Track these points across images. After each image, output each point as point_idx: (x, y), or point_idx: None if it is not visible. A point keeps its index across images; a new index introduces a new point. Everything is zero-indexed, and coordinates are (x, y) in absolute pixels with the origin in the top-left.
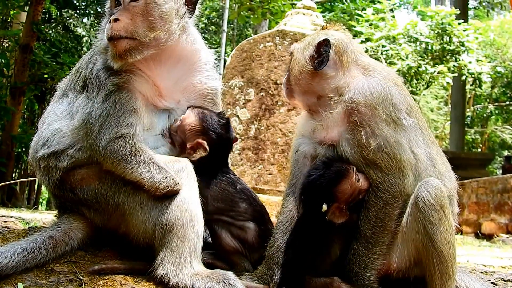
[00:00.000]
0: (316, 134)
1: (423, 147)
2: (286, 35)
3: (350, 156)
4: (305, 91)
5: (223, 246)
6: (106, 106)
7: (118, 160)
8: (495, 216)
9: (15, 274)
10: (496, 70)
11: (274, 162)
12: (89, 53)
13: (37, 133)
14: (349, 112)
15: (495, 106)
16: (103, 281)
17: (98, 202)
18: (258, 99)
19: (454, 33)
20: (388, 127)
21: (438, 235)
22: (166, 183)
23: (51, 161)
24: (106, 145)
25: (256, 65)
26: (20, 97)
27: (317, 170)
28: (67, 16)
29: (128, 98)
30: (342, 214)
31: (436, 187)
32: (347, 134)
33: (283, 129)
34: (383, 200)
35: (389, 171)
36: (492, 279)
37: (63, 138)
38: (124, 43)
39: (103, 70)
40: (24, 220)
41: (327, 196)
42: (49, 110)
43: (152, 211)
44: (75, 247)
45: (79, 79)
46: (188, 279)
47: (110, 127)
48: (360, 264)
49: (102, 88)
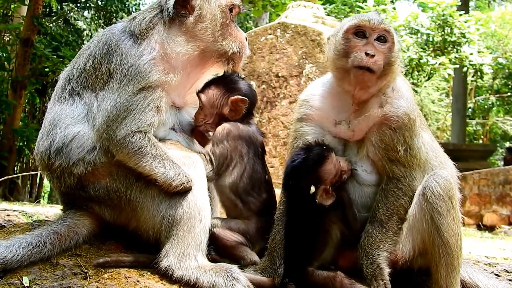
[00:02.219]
0: (339, 129)
1: (429, 141)
2: (288, 28)
3: (372, 153)
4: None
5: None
6: (135, 100)
7: (133, 151)
8: (497, 208)
9: (20, 267)
10: (497, 61)
11: (276, 155)
12: (100, 46)
13: (47, 135)
14: (386, 120)
15: (497, 98)
16: (108, 274)
17: (110, 198)
18: (260, 92)
19: (455, 25)
20: (415, 137)
21: (446, 226)
22: (179, 180)
23: (66, 169)
24: (124, 136)
25: (258, 58)
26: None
27: (299, 155)
28: (67, 10)
29: (158, 97)
30: (329, 196)
31: (445, 178)
32: (376, 137)
33: (285, 121)
34: (403, 192)
35: (411, 167)
36: (495, 271)
37: (84, 143)
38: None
39: (147, 63)
40: (26, 214)
41: (313, 178)
42: (58, 112)
43: (161, 205)
44: (80, 242)
45: (100, 74)
46: (192, 272)
47: (134, 120)
48: (372, 245)
49: (137, 81)
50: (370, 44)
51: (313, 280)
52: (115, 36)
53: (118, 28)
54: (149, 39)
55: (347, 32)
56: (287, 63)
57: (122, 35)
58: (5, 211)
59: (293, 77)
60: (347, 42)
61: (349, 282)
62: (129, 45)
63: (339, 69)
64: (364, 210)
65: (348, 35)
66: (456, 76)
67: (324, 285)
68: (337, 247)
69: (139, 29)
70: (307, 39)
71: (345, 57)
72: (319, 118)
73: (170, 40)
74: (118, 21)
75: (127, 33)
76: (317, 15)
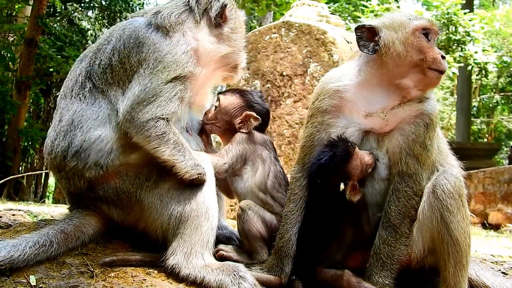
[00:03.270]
0: (369, 120)
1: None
2: (292, 27)
3: (397, 145)
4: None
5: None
6: (165, 87)
7: (156, 136)
8: (502, 206)
9: (27, 267)
10: (502, 59)
11: (281, 154)
12: (125, 39)
13: (65, 135)
14: (422, 115)
15: (501, 96)
16: (114, 273)
17: (119, 199)
18: (264, 91)
19: (459, 23)
20: (434, 137)
21: (455, 224)
22: (196, 170)
23: (78, 172)
24: (148, 119)
25: (262, 56)
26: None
27: (326, 152)
28: (72, 10)
29: (185, 88)
30: (357, 191)
31: (455, 176)
32: (410, 128)
33: (289, 120)
34: (414, 191)
35: (423, 165)
36: (502, 269)
37: (103, 147)
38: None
39: (184, 54)
40: (32, 213)
41: (342, 174)
42: (78, 111)
43: (169, 203)
44: (86, 241)
45: (129, 67)
46: (199, 270)
47: (160, 107)
48: (388, 254)
49: (172, 70)
50: (435, 47)
51: (320, 278)
52: (141, 29)
53: (140, 22)
54: (181, 32)
55: (417, 30)
56: (291, 62)
57: (148, 28)
58: (10, 211)
59: (298, 76)
60: (418, 40)
61: (357, 281)
62: (160, 36)
63: (406, 64)
64: (376, 209)
65: (417, 33)
66: (461, 74)
67: (331, 283)
68: (348, 248)
69: (169, 23)
70: (312, 38)
71: (419, 54)
72: (348, 110)
73: (203, 38)
74: (131, 17)
75: (153, 26)
76: (321, 13)
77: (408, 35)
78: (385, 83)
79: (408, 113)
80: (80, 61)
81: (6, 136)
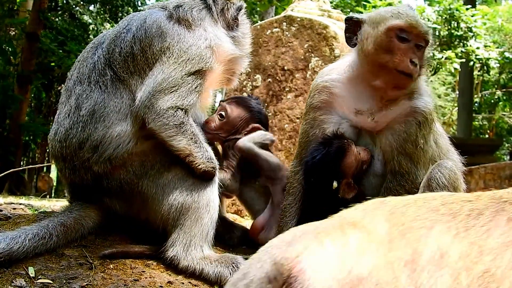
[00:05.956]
0: (360, 118)
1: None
2: (293, 21)
3: (388, 144)
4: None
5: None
6: (188, 79)
7: (173, 125)
8: None
9: (26, 258)
10: (504, 55)
11: (282, 148)
12: (147, 28)
13: (84, 126)
14: (414, 113)
15: (503, 92)
16: (113, 265)
17: (122, 190)
18: (265, 85)
19: (462, 19)
20: (430, 134)
21: None
22: (211, 163)
23: (87, 165)
24: (168, 108)
25: (263, 51)
26: (27, 85)
27: (319, 150)
28: (73, 4)
29: (204, 82)
30: (351, 189)
31: (450, 169)
32: (401, 127)
33: (291, 115)
34: (406, 190)
35: (418, 164)
36: None
37: (120, 144)
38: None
39: (207, 48)
40: (33, 207)
41: (336, 172)
42: (100, 102)
43: (171, 194)
44: (86, 233)
45: (151, 55)
46: (197, 262)
47: (180, 97)
48: None
49: (196, 62)
50: (412, 50)
51: None
52: (163, 20)
53: (160, 14)
54: (202, 28)
55: (391, 30)
56: (293, 56)
57: (170, 20)
58: (11, 205)
59: (299, 70)
60: (389, 41)
61: None
62: (182, 29)
63: (374, 64)
64: None
65: (391, 33)
66: (463, 70)
67: None
68: None
69: (191, 16)
70: (313, 33)
71: (387, 55)
72: (339, 106)
73: (222, 37)
74: (147, 9)
75: (174, 19)
76: (323, 8)
77: (380, 34)
78: (366, 83)
79: (397, 112)
80: (95, 48)
81: (8, 130)
